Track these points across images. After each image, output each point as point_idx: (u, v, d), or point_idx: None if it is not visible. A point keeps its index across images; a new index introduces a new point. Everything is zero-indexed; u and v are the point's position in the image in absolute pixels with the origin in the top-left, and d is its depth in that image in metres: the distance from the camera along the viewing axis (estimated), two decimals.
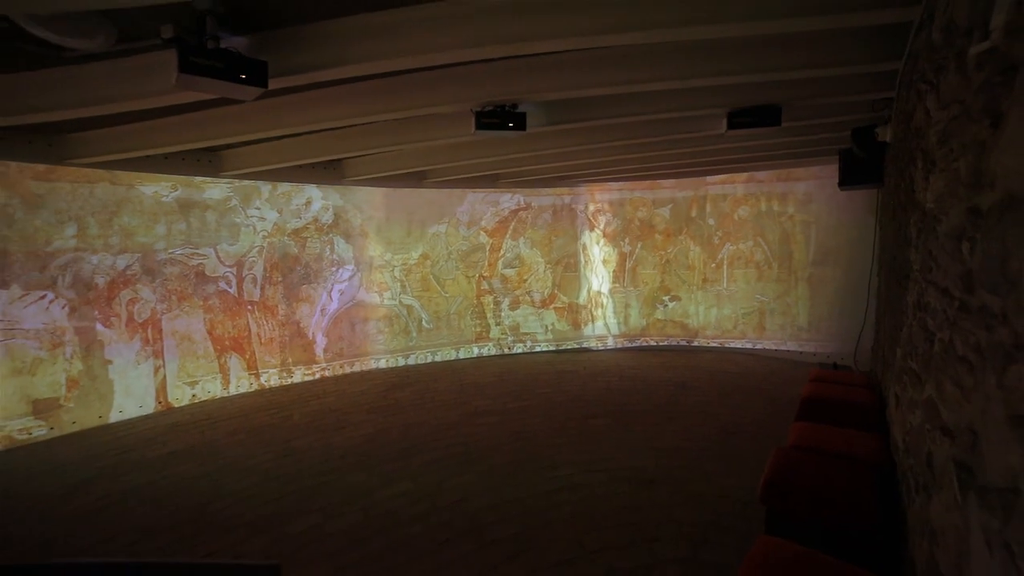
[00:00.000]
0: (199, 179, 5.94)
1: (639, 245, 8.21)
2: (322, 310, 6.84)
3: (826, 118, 4.30)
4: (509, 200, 8.01)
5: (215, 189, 6.11)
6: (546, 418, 5.05)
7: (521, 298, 8.18)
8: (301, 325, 6.71)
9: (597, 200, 8.26)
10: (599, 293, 8.31)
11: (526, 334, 8.24)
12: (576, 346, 8.32)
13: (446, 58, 2.83)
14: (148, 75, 2.97)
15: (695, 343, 8.03)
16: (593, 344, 8.32)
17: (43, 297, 4.90)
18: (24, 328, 4.78)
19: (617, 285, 8.28)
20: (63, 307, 5.06)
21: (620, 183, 8.06)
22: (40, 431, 4.85)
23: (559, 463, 3.95)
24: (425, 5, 2.58)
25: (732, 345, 7.77)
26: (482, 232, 7.93)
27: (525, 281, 8.17)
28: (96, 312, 5.26)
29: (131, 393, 5.48)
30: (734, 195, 7.67)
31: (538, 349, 8.26)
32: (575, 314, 8.35)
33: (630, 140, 4.91)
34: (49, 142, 4.70)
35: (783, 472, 2.42)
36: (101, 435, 4.94)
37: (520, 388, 6.17)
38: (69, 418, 5.05)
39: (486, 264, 7.99)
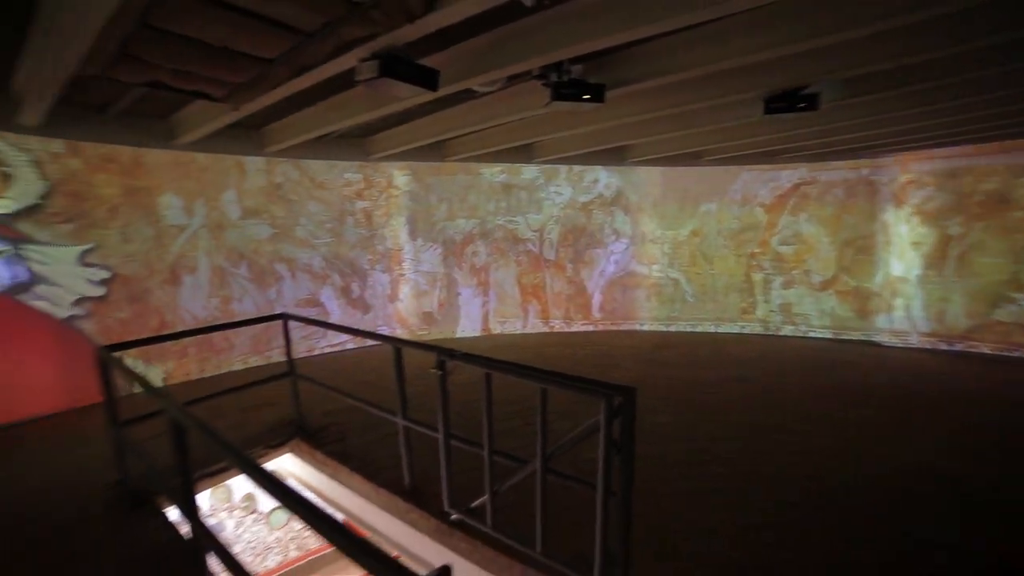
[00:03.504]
0: (517, 165, 7.82)
1: (977, 226, 6.63)
2: (600, 273, 8.11)
3: None
4: (790, 175, 7.59)
5: (528, 172, 7.92)
6: (802, 402, 5.03)
7: (797, 278, 7.74)
8: (583, 284, 8.13)
9: (911, 171, 7.00)
10: (902, 280, 7.14)
11: (798, 316, 7.80)
12: (862, 337, 7.42)
13: (737, 63, 3.31)
14: (518, 98, 4.42)
15: None
16: (885, 339, 7.27)
17: (432, 247, 7.53)
18: (422, 268, 7.49)
19: (931, 273, 6.94)
20: (438, 254, 7.63)
21: (952, 148, 6.63)
22: (423, 332, 7.57)
23: (811, 450, 3.95)
24: (716, 22, 3.11)
25: None
26: (757, 208, 7.79)
27: (804, 260, 7.68)
28: (454, 260, 7.73)
29: (469, 318, 7.87)
30: None
31: (811, 335, 7.72)
32: (863, 300, 7.42)
33: (977, 96, 4.24)
34: (439, 149, 7.06)
35: None
36: (456, 343, 7.35)
37: (782, 367, 6.13)
38: (437, 329, 7.67)
39: (758, 241, 7.85)
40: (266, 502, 6.90)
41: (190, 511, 2.01)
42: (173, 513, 3.14)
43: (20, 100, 4.05)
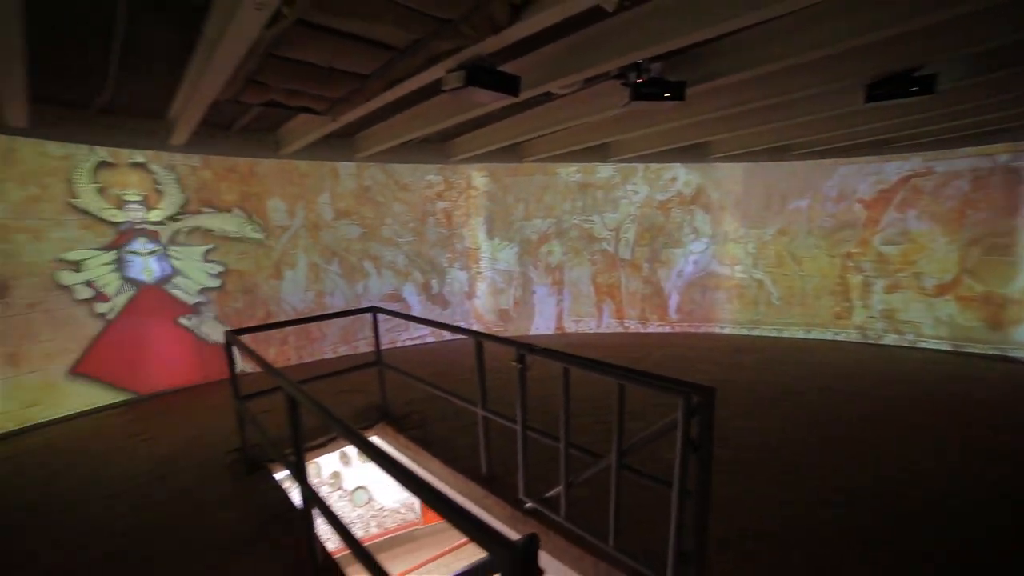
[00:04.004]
0: (593, 164, 7.79)
1: None
2: (678, 273, 7.87)
3: None
4: (897, 167, 6.86)
5: (603, 171, 7.86)
6: (905, 417, 4.57)
7: (904, 281, 7.00)
8: (659, 284, 7.94)
9: None
10: None
11: (905, 323, 7.05)
12: (991, 350, 6.50)
13: (835, 49, 3.11)
14: (596, 98, 4.44)
15: None
16: None
17: (508, 246, 7.73)
18: (498, 267, 7.72)
19: None
20: (514, 253, 7.81)
21: None
22: (498, 329, 7.79)
23: (912, 468, 3.68)
24: (811, 7, 2.94)
25: None
26: (856, 204, 7.15)
27: (913, 262, 6.93)
28: (529, 259, 7.87)
29: (543, 316, 7.98)
30: None
31: (921, 345, 6.94)
32: (996, 309, 6.44)
33: None
34: (516, 151, 7.23)
35: None
36: (530, 341, 7.51)
37: (883, 378, 5.60)
38: (512, 326, 7.86)
39: (857, 240, 7.20)
40: (351, 481, 7.50)
41: (301, 475, 2.30)
42: (282, 478, 3.57)
43: (173, 125, 4.80)
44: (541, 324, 7.98)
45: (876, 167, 6.99)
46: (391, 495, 9.32)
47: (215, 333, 5.85)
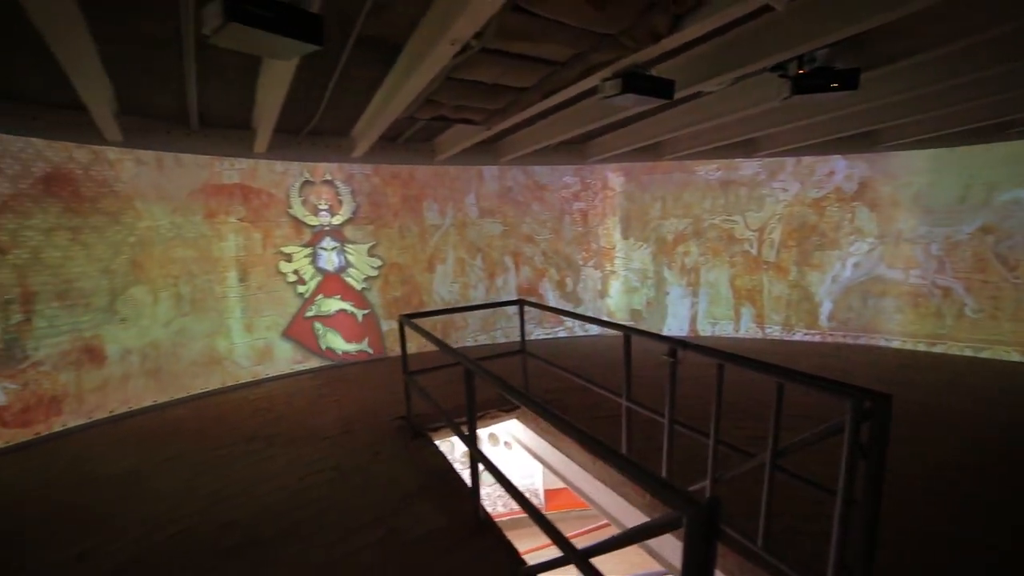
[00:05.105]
0: (736, 160, 7.37)
1: None
2: (833, 278, 7.11)
3: None
4: None
5: (747, 168, 7.40)
6: None
7: None
8: (809, 289, 7.26)
9: None
10: None
11: None
12: None
13: None
14: (747, 93, 4.28)
15: None
16: None
17: (641, 247, 7.70)
18: (632, 266, 7.74)
19: None
20: (648, 252, 7.75)
21: None
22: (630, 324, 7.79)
23: None
24: None
25: None
26: None
27: None
28: (664, 259, 7.74)
29: (676, 317, 7.79)
30: None
31: None
32: None
33: None
34: (655, 148, 7.15)
35: None
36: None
37: None
38: (644, 326, 7.81)
39: None
40: (497, 457, 8.14)
41: (472, 439, 2.69)
42: (443, 445, 4.11)
43: (355, 141, 5.74)
44: (674, 325, 7.81)
45: None
46: (518, 479, 9.87)
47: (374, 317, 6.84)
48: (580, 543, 1.83)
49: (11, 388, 4.32)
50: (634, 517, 3.42)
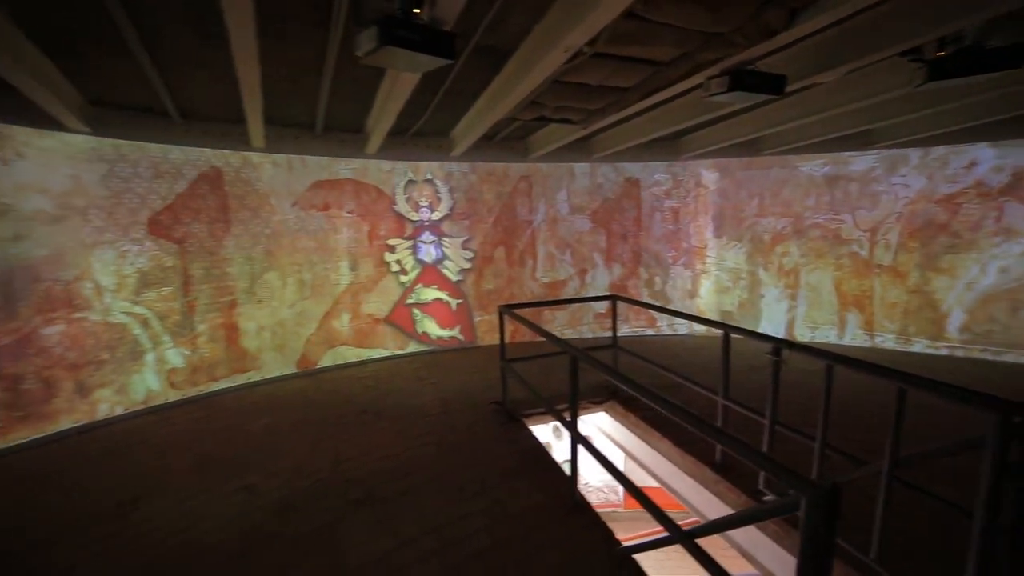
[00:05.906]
0: (847, 154, 6.83)
1: None
2: (968, 284, 6.37)
3: None
4: None
5: (860, 162, 6.83)
6: None
7: None
8: (934, 296, 6.57)
9: None
10: None
11: None
12: None
13: None
14: (864, 81, 4.02)
15: None
16: None
17: (735, 247, 7.43)
18: (725, 265, 7.48)
19: None
20: (743, 252, 7.45)
21: None
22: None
23: None
24: None
25: None
26: None
27: None
28: (760, 259, 7.39)
29: (771, 320, 7.41)
30: None
31: None
32: None
33: None
34: (753, 144, 6.83)
35: None
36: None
37: None
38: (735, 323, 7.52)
39: None
40: (559, 453, 8.29)
41: (573, 423, 2.87)
42: (535, 429, 4.33)
43: (454, 141, 6.11)
44: (768, 329, 7.43)
45: None
46: (597, 474, 9.94)
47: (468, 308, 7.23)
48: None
49: (185, 354, 5.26)
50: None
